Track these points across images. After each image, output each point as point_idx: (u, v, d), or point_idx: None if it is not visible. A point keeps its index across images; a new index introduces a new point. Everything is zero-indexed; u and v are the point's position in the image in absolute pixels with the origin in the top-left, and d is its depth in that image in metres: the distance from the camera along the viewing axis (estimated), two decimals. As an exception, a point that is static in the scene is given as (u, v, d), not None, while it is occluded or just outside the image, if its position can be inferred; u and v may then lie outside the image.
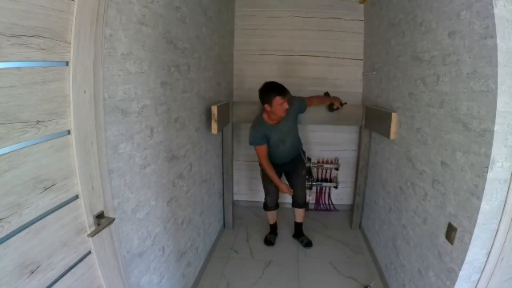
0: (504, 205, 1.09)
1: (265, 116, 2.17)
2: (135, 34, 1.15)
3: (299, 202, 2.48)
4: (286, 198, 3.19)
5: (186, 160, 1.77)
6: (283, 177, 2.50)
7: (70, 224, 0.85)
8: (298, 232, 2.62)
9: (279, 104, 1.98)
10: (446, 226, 1.31)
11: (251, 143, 2.18)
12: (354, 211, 2.77)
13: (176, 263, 1.68)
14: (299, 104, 2.26)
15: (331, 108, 2.43)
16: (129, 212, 1.18)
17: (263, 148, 2.19)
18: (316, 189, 3.13)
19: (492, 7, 1.00)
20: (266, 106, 2.04)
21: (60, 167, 0.80)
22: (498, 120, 1.02)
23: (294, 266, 2.27)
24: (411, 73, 1.74)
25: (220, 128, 2.20)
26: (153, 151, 1.35)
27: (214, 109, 2.02)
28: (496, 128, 1.02)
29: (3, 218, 0.65)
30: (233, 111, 2.57)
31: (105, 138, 0.97)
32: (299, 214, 2.56)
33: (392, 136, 1.97)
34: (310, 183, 2.87)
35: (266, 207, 2.53)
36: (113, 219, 0.97)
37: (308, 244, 2.51)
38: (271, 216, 2.57)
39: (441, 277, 1.33)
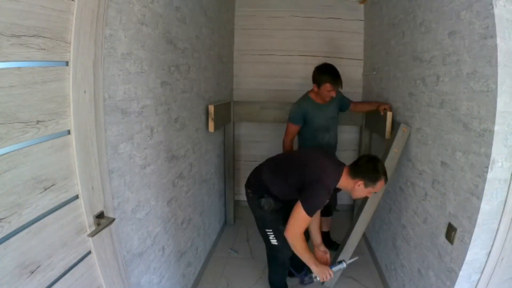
0: (504, 205, 1.09)
1: (311, 94, 2.12)
2: (135, 34, 1.15)
3: (331, 210, 2.35)
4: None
5: (186, 160, 1.77)
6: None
7: (70, 224, 0.85)
8: (330, 242, 2.40)
9: (326, 90, 1.97)
10: (446, 226, 1.31)
11: (288, 119, 2.12)
12: (355, 213, 2.77)
13: (176, 263, 1.68)
14: (343, 99, 2.25)
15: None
16: (129, 212, 1.18)
17: (295, 128, 2.11)
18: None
19: (492, 7, 1.00)
20: (314, 86, 2.02)
21: (60, 167, 0.80)
22: (498, 120, 1.02)
23: (294, 266, 2.27)
24: (411, 73, 1.74)
25: (219, 127, 2.21)
26: (153, 151, 1.35)
27: (211, 108, 2.05)
28: (496, 128, 1.02)
29: (3, 218, 0.65)
30: (234, 111, 2.58)
31: (105, 138, 0.97)
32: (328, 222, 2.43)
33: (387, 135, 1.96)
34: None
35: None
36: (113, 219, 0.97)
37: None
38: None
39: (441, 277, 1.33)
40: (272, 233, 1.67)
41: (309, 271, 1.60)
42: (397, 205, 1.91)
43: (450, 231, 1.26)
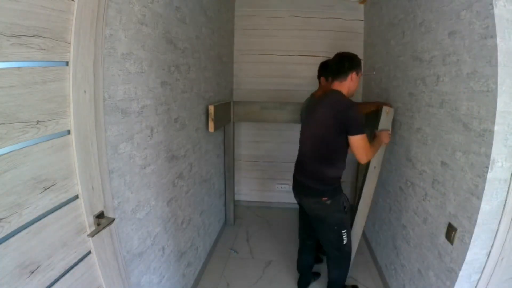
0: (504, 205, 1.09)
1: (317, 93, 1.91)
2: (135, 34, 1.15)
3: None
4: (287, 198, 3.21)
5: (186, 160, 1.77)
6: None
7: (70, 224, 0.85)
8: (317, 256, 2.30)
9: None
10: (446, 226, 1.31)
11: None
12: (355, 212, 2.76)
13: (176, 263, 1.68)
14: None
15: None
16: (129, 212, 1.18)
17: None
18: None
19: (492, 7, 1.00)
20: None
21: (60, 167, 0.80)
22: (498, 120, 1.02)
23: (294, 266, 2.26)
24: (411, 73, 1.74)
25: (219, 127, 2.21)
26: (153, 151, 1.35)
27: (211, 109, 2.06)
28: (496, 128, 1.02)
29: (3, 218, 0.65)
30: (234, 111, 2.58)
31: (105, 138, 0.97)
32: None
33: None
34: None
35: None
36: (113, 219, 0.97)
37: None
38: None
39: (441, 277, 1.33)
40: (346, 232, 1.73)
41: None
42: (397, 205, 1.91)
43: (450, 231, 1.26)
